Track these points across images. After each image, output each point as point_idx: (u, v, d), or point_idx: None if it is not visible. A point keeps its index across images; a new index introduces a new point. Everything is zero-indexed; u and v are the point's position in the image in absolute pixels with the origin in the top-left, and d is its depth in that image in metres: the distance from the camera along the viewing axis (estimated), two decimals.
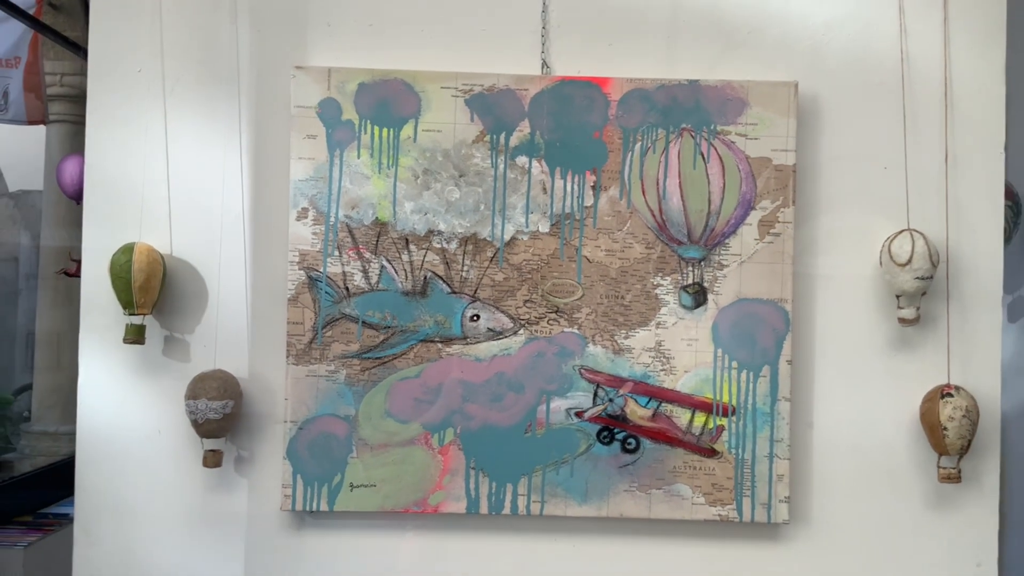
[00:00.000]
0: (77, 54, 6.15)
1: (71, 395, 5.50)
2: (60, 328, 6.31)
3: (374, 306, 1.68)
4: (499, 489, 1.68)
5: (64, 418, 6.27)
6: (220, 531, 1.69)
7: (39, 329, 6.47)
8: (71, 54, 6.18)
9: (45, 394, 6.33)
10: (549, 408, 1.68)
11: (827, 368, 1.70)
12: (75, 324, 5.77)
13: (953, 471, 1.64)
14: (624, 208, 1.68)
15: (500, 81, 1.68)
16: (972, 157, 1.71)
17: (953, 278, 1.69)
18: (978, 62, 1.71)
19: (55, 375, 6.33)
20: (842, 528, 1.71)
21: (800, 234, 1.69)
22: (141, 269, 1.61)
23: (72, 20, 6.43)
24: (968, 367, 1.69)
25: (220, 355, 1.67)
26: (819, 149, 1.71)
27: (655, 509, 1.67)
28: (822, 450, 1.70)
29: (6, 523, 5.08)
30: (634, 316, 1.68)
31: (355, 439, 1.67)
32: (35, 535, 4.91)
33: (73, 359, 5.72)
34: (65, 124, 6.34)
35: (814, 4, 1.72)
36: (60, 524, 5.17)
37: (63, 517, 5.33)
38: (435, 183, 1.68)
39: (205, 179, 1.69)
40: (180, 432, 1.67)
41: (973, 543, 1.70)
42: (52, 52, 6.07)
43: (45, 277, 6.36)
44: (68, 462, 5.82)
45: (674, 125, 1.68)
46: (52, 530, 5.06)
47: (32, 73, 5.67)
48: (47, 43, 5.76)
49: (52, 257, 6.32)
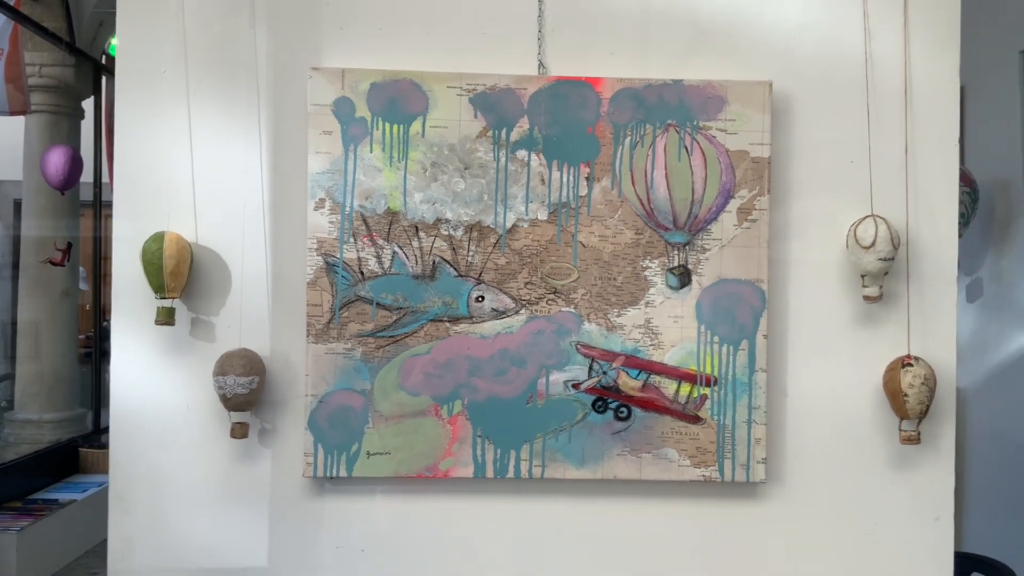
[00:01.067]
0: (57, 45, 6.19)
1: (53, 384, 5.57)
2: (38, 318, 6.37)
3: (387, 289, 1.82)
4: (503, 455, 1.83)
5: (47, 406, 6.34)
6: (246, 498, 1.83)
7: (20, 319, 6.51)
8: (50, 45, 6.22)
9: (27, 383, 6.39)
10: (548, 381, 1.84)
11: (800, 341, 1.88)
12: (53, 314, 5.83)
13: (913, 434, 1.82)
14: (615, 197, 1.84)
15: (501, 81, 1.82)
16: (929, 149, 1.88)
17: (913, 259, 1.86)
18: (934, 63, 1.88)
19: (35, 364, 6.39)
20: (814, 486, 1.88)
21: (774, 220, 1.86)
22: (171, 256, 1.74)
23: (51, 11, 6.46)
24: (926, 340, 1.86)
25: (245, 335, 1.81)
26: (792, 143, 1.87)
27: (645, 471, 1.84)
28: (795, 416, 1.88)
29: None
30: (625, 296, 1.84)
31: (371, 411, 1.81)
32: (27, 520, 5.01)
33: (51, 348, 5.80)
34: (44, 114, 6.38)
35: (786, 10, 1.88)
36: (50, 509, 5.27)
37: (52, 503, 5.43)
38: (442, 175, 1.82)
39: (228, 172, 1.82)
40: (208, 406, 1.81)
41: (932, 499, 1.89)
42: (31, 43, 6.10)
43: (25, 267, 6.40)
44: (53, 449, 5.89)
45: (660, 121, 1.83)
46: (43, 515, 5.16)
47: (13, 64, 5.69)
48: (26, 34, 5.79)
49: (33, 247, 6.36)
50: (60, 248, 5.56)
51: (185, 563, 1.82)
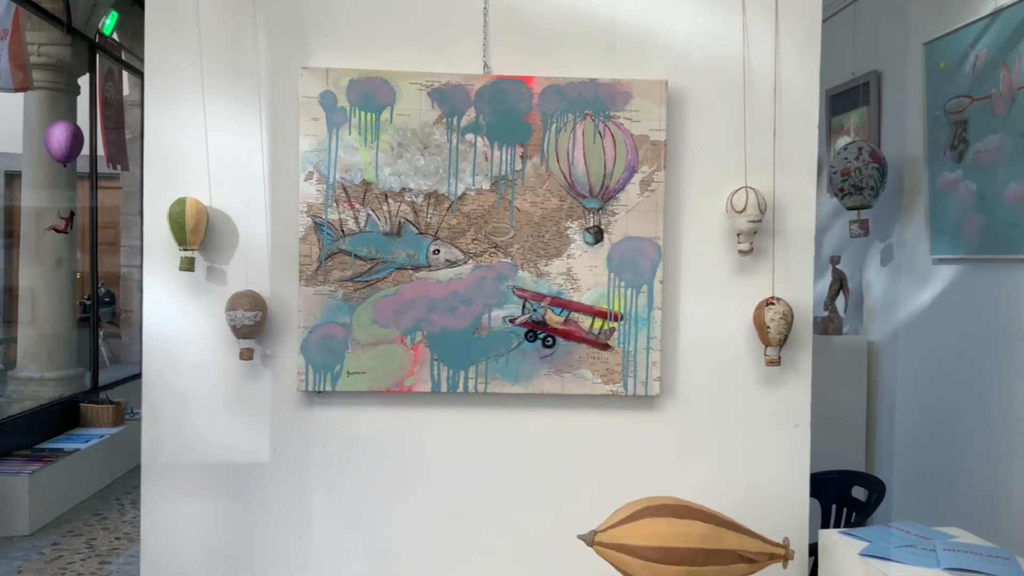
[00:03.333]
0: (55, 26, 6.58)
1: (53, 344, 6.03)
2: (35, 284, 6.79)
3: (362, 243, 2.30)
4: (455, 374, 2.32)
5: (48, 365, 6.77)
6: (251, 408, 2.31)
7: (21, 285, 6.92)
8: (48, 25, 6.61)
9: (29, 344, 6.81)
10: (490, 316, 2.33)
11: (688, 286, 2.37)
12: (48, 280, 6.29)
13: (775, 357, 2.33)
14: (544, 172, 2.32)
15: (453, 78, 2.29)
16: (793, 134, 2.36)
17: (777, 221, 2.36)
18: (798, 66, 2.37)
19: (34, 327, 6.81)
20: (698, 399, 2.38)
21: (669, 190, 2.35)
22: (192, 216, 2.21)
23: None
24: (787, 285, 2.36)
25: (250, 279, 2.29)
26: (684, 129, 2.36)
27: (566, 387, 2.34)
28: (684, 344, 2.38)
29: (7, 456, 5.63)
30: (551, 250, 2.33)
31: (350, 339, 2.30)
32: (36, 465, 5.50)
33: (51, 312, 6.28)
34: (44, 91, 6.76)
35: (680, 23, 2.36)
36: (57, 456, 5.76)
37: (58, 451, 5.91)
38: (406, 153, 2.30)
39: (235, 150, 2.29)
40: (221, 335, 2.29)
41: (792, 409, 2.39)
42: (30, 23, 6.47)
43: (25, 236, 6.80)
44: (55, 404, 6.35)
45: (579, 111, 2.31)
46: (51, 460, 5.65)
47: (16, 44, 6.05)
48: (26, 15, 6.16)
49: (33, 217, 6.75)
50: (63, 216, 5.97)
51: (203, 459, 2.30)
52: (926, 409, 3.98)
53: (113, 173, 8.42)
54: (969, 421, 3.62)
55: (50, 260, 6.72)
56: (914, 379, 4.13)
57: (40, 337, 6.81)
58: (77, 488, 5.85)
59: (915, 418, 4.12)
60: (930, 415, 3.94)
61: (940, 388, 3.87)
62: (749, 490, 2.34)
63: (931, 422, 3.93)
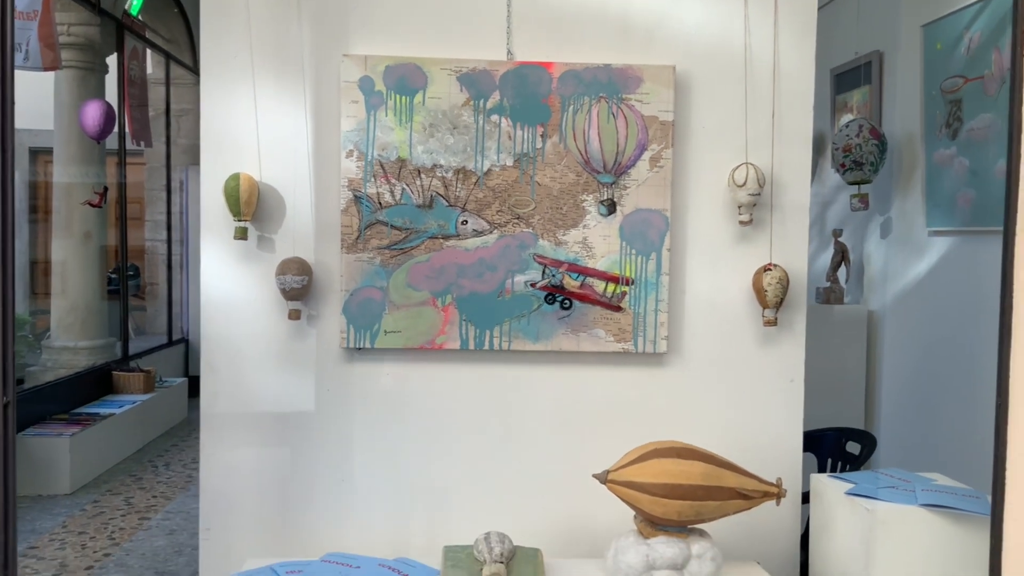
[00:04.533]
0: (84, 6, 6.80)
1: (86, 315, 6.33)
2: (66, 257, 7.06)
3: (398, 215, 2.54)
4: (481, 333, 2.57)
5: (81, 335, 7.06)
6: (298, 363, 2.56)
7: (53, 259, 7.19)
8: (77, 5, 6.84)
9: (62, 314, 7.10)
10: (513, 281, 2.57)
11: (693, 254, 2.60)
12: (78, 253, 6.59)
13: (772, 319, 2.56)
14: (562, 149, 2.55)
15: (480, 64, 2.52)
16: (790, 115, 2.58)
17: (775, 195, 2.59)
18: (795, 52, 2.58)
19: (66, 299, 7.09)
20: (702, 356, 2.63)
21: (676, 166, 2.58)
22: (245, 189, 2.45)
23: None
24: (783, 252, 2.59)
25: (297, 247, 2.53)
26: (690, 110, 2.58)
27: (582, 345, 2.58)
28: (690, 306, 2.62)
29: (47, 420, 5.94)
30: (569, 220, 2.56)
31: (387, 301, 2.54)
32: (76, 428, 5.80)
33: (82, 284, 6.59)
34: (73, 70, 7.00)
35: (686, 11, 2.57)
36: (94, 420, 6.06)
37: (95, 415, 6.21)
38: (437, 132, 2.53)
39: (283, 130, 2.52)
40: (271, 298, 2.54)
41: (787, 366, 2.63)
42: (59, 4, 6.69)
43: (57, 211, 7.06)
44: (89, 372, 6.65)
45: (595, 94, 2.54)
46: (89, 424, 5.96)
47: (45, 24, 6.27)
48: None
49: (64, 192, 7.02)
50: (97, 192, 6.23)
51: (255, 409, 2.56)
52: (920, 372, 4.22)
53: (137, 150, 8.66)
54: (959, 382, 3.86)
55: (79, 234, 6.99)
56: (910, 345, 4.36)
57: (72, 308, 7.09)
58: (113, 450, 6.16)
59: (909, 380, 4.36)
60: (923, 378, 4.17)
61: (934, 353, 4.10)
62: (747, 438, 2.58)
63: (924, 384, 4.17)
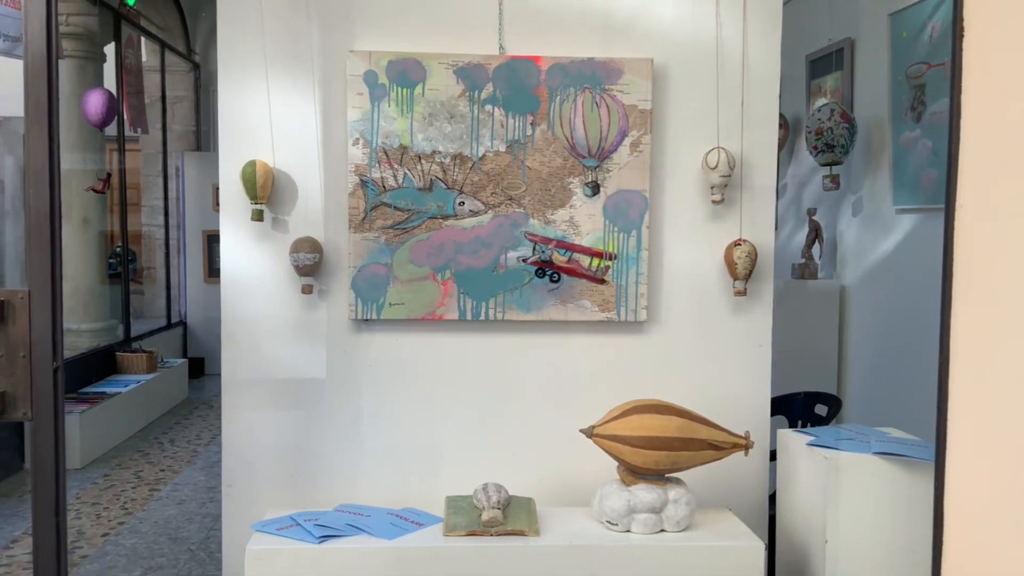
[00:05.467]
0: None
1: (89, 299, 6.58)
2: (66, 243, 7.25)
3: (400, 197, 2.78)
4: (477, 305, 2.81)
5: (84, 318, 7.27)
6: (311, 333, 2.81)
7: None
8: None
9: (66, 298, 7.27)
10: (507, 257, 2.81)
11: (671, 230, 2.86)
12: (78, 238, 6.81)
13: (741, 289, 2.82)
14: (550, 136, 2.79)
15: (474, 59, 2.75)
16: (758, 103, 2.83)
17: (744, 176, 2.83)
18: (762, 45, 2.82)
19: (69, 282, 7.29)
20: (678, 324, 2.88)
21: (654, 151, 2.82)
22: (261, 175, 2.69)
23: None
24: (752, 228, 2.84)
25: (308, 227, 2.77)
26: (667, 100, 2.82)
27: (569, 315, 2.83)
28: (668, 279, 2.87)
29: None
30: (556, 201, 2.80)
31: (391, 276, 2.78)
32: (84, 406, 6.03)
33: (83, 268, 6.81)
34: (72, 59, 7.17)
35: (663, 7, 2.81)
36: (102, 398, 6.29)
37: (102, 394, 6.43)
38: (436, 122, 2.77)
39: (294, 120, 2.75)
40: (285, 273, 2.77)
41: (755, 332, 2.89)
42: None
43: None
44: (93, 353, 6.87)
45: (579, 85, 2.77)
46: (97, 402, 6.20)
47: None
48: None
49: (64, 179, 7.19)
50: (101, 178, 6.43)
51: (272, 376, 2.80)
52: (887, 341, 4.49)
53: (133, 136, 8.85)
54: (920, 348, 4.13)
55: (79, 220, 7.18)
56: (878, 316, 4.64)
57: (75, 291, 7.29)
58: (120, 427, 6.40)
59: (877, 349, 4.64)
60: (890, 345, 4.45)
61: (900, 322, 4.37)
62: (719, 397, 2.84)
63: (890, 351, 4.44)
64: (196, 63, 9.79)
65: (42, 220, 2.12)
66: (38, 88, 2.12)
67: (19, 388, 2.20)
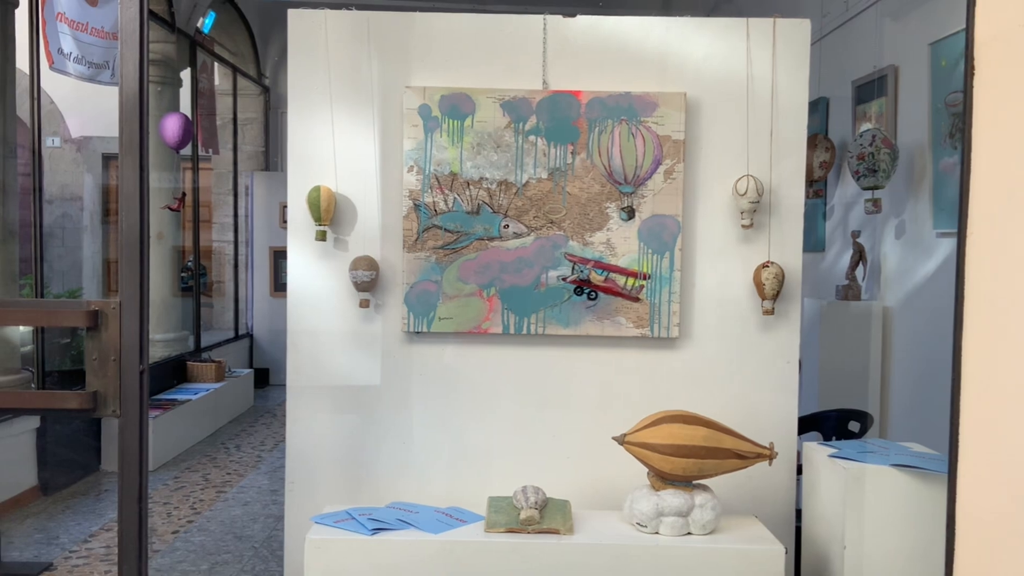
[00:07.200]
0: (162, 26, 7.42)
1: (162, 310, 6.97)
2: None
3: (450, 220, 3.02)
4: (520, 320, 3.03)
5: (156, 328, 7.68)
6: (367, 344, 3.05)
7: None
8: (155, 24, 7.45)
9: None
10: (548, 276, 3.02)
11: (702, 252, 3.04)
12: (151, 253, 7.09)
13: (770, 308, 2.98)
14: (589, 164, 3.00)
15: (519, 93, 2.98)
16: (786, 133, 3.00)
17: (773, 202, 3.01)
18: (790, 80, 2.99)
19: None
20: (709, 341, 3.06)
21: (687, 178, 3.01)
22: (325, 199, 2.95)
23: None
24: (780, 251, 3.01)
25: (366, 247, 3.02)
26: (699, 130, 3.02)
27: (606, 330, 3.03)
28: (699, 298, 3.05)
29: None
30: (594, 224, 3.01)
31: (441, 293, 3.02)
32: (157, 411, 6.39)
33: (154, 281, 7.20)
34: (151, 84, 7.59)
35: (696, 45, 3.01)
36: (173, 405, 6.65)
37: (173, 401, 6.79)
38: (483, 151, 3.00)
39: (355, 149, 3.02)
40: (345, 289, 3.03)
41: (783, 348, 3.05)
42: None
43: None
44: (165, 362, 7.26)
45: (617, 117, 2.99)
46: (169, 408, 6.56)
47: None
48: None
49: None
50: (177, 197, 6.83)
51: (332, 382, 3.06)
52: (928, 362, 4.58)
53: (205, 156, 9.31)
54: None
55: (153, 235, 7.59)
56: (920, 337, 4.72)
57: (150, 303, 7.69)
58: (190, 433, 6.76)
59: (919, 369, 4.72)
60: (931, 365, 4.54)
61: (941, 343, 4.46)
62: (747, 410, 3.01)
63: (932, 371, 4.53)
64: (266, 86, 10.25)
65: (132, 239, 2.40)
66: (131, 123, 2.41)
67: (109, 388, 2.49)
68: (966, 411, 2.22)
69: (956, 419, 2.22)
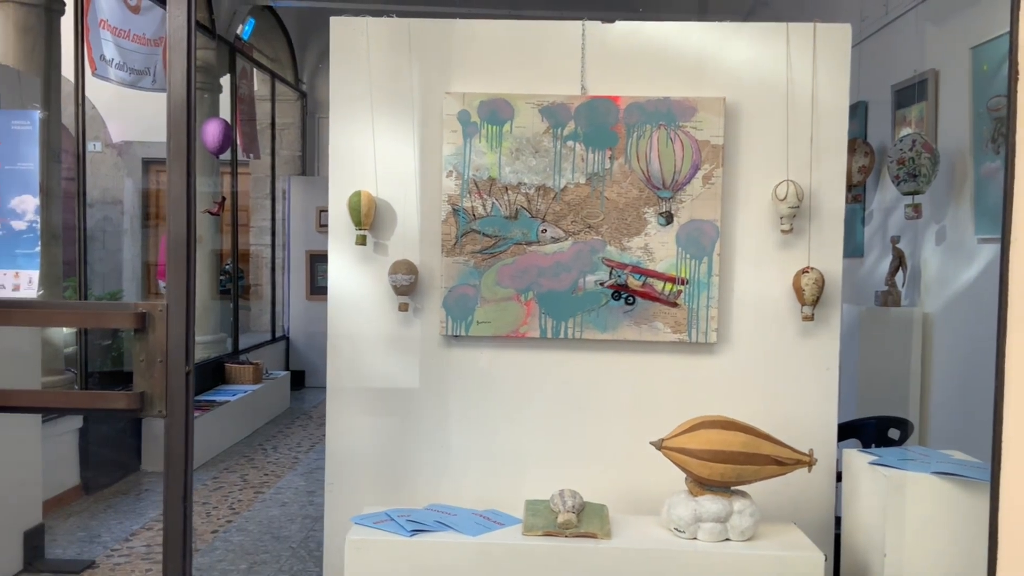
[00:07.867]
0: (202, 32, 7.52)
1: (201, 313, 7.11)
2: None
3: (488, 225, 3.04)
4: (557, 324, 3.04)
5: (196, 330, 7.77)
6: (406, 347, 3.08)
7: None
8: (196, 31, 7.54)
9: None
10: (585, 280, 3.03)
11: (741, 257, 3.03)
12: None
13: (809, 314, 2.97)
14: (627, 169, 3.01)
15: (558, 98, 3.00)
16: (826, 137, 2.98)
17: (813, 207, 2.99)
18: (830, 85, 2.98)
19: None
20: (747, 346, 3.05)
21: (726, 183, 3.01)
22: (365, 204, 2.98)
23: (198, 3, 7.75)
24: (820, 256, 2.99)
25: (406, 251, 3.05)
26: (738, 135, 3.01)
27: (643, 335, 3.03)
28: (738, 303, 3.04)
29: None
30: (632, 229, 3.02)
31: (479, 297, 3.04)
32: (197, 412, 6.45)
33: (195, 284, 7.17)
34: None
35: (735, 50, 3.00)
36: (212, 406, 6.74)
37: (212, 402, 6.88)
38: (522, 156, 3.02)
39: (395, 154, 3.05)
40: (384, 293, 3.06)
41: (823, 355, 3.03)
42: None
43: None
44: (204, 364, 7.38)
45: (655, 122, 2.99)
46: (208, 409, 6.65)
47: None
48: None
49: None
50: (217, 201, 6.93)
51: (372, 384, 3.09)
52: (970, 367, 4.52)
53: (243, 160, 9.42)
54: None
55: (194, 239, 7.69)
56: (961, 344, 4.67)
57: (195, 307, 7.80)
58: (228, 434, 6.84)
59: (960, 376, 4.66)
60: (973, 372, 4.48)
61: (982, 350, 4.40)
62: (786, 416, 2.99)
63: (973, 378, 4.47)
64: (303, 92, 10.37)
65: (180, 243, 2.45)
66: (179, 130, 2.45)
67: (156, 389, 2.54)
68: (1009, 418, 2.19)
69: (999, 426, 2.19)
